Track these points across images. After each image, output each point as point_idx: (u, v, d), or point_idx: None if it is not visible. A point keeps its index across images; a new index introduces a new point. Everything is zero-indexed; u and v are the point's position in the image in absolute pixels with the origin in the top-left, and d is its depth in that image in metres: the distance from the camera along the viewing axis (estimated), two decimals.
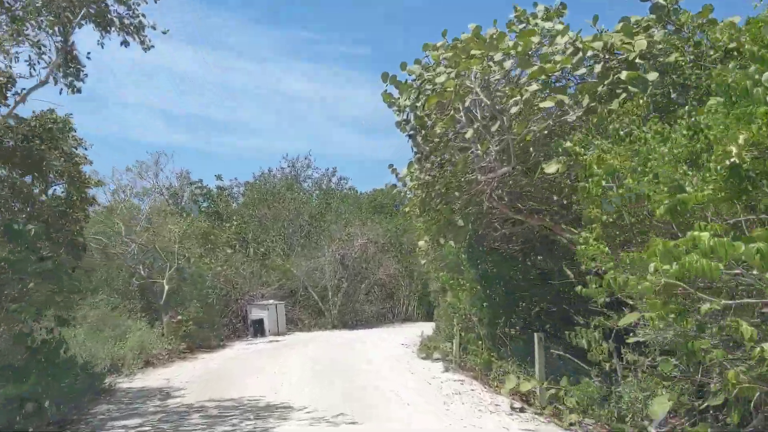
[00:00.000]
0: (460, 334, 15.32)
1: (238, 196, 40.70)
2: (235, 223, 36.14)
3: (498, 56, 10.90)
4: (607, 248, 7.13)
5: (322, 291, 34.61)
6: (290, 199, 36.46)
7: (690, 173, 6.14)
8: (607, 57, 10.59)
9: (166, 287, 22.91)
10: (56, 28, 11.06)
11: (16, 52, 10.92)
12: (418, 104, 12.47)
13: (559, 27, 11.00)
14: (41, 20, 10.97)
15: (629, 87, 9.35)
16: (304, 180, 40.51)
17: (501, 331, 13.41)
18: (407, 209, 21.29)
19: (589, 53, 10.48)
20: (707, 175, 5.68)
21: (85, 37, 58.34)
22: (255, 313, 30.18)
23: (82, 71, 11.67)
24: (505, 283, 13.67)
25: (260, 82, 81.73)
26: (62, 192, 12.74)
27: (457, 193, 13.76)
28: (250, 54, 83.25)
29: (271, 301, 31.04)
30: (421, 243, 18.80)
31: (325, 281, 34.45)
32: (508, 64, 11.01)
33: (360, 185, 75.54)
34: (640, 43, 9.84)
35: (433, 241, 17.13)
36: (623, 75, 9.56)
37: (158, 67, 77.70)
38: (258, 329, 29.83)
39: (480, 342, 13.87)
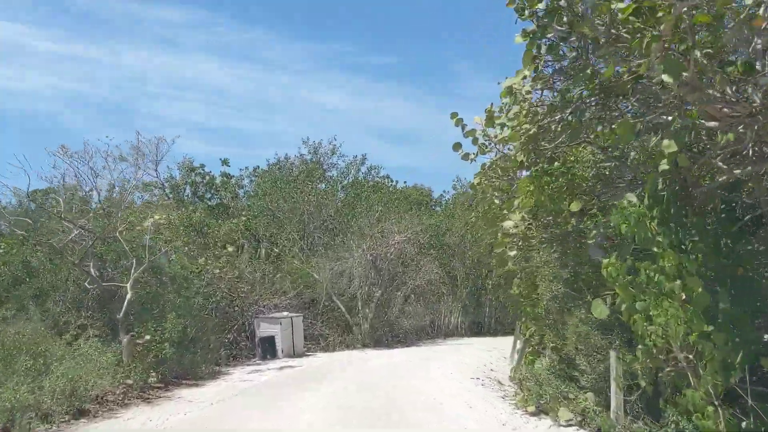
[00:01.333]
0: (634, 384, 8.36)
1: (249, 188, 34.10)
2: (244, 218, 29.44)
3: None
4: None
5: (349, 301, 27.73)
6: (311, 188, 29.64)
7: None
8: None
9: (129, 293, 16.16)
10: None
11: None
12: None
13: None
14: None
15: None
16: (329, 169, 33.76)
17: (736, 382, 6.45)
18: (477, 181, 14.40)
19: None
20: None
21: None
22: (264, 329, 23.37)
23: None
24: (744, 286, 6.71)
25: (293, 94, 76.84)
26: None
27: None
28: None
29: (285, 314, 24.20)
30: (508, 223, 11.78)
31: (354, 289, 27.58)
32: None
33: None
34: None
35: (542, 211, 10.28)
36: None
37: (193, 80, 73.12)
38: (268, 349, 23.00)
39: (697, 403, 6.76)
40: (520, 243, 11.47)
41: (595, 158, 9.55)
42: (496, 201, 13.45)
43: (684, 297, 6.32)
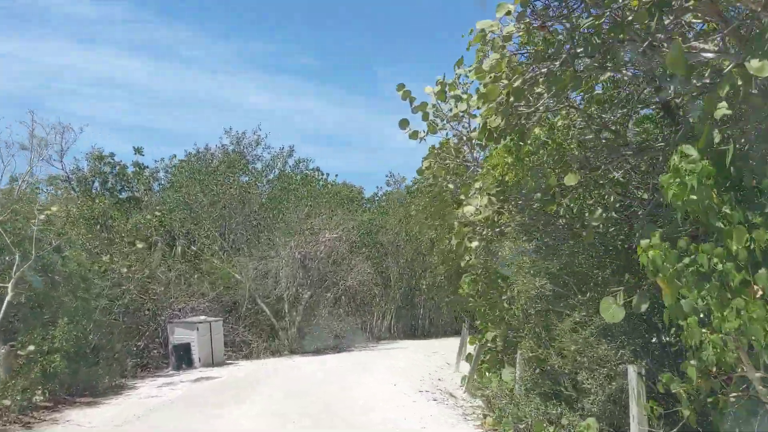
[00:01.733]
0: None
1: (165, 182, 31.10)
2: (158, 213, 26.62)
3: None
4: None
5: (275, 303, 25.37)
6: (233, 180, 27.08)
7: None
8: None
9: (10, 294, 13.40)
10: None
11: None
12: None
13: None
14: None
15: None
16: (253, 161, 31.15)
17: None
18: (427, 165, 12.60)
19: None
20: None
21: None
22: (179, 335, 20.76)
23: None
24: None
25: (216, 93, 73.29)
26: None
27: None
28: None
29: (203, 318, 21.66)
30: (468, 209, 9.88)
31: (281, 290, 25.24)
32: None
33: None
34: None
35: (516, 192, 8.46)
36: None
37: (111, 77, 68.37)
38: (183, 358, 20.41)
39: None
40: (484, 232, 9.59)
41: (588, 123, 7.77)
42: (450, 186, 11.58)
43: (761, 293, 4.58)
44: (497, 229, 9.24)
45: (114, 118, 65.43)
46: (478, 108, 10.56)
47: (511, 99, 6.78)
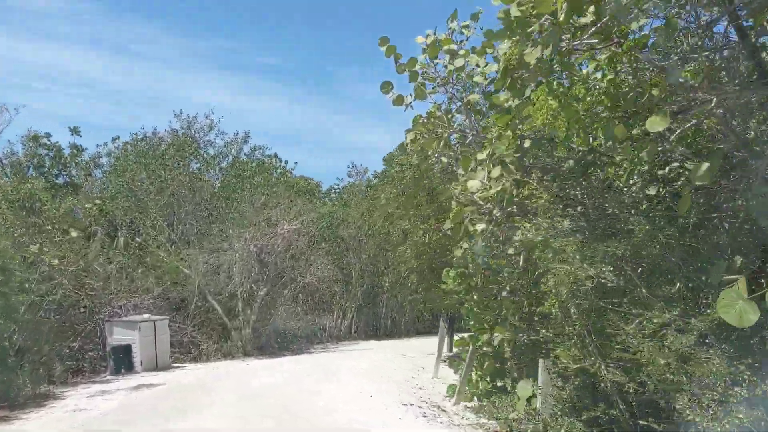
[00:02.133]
0: None
1: (108, 167, 28.47)
2: (98, 201, 24.15)
3: None
4: None
5: (228, 301, 23.21)
6: (183, 165, 24.74)
7: None
8: None
9: None
10: None
11: None
12: None
13: None
14: None
15: None
16: (205, 147, 28.74)
17: None
18: (412, 137, 10.82)
19: None
20: None
21: None
22: (119, 335, 18.46)
23: None
24: None
25: (168, 89, 70.05)
26: None
27: None
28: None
29: (146, 317, 19.38)
30: (473, 184, 8.02)
31: (234, 286, 23.09)
32: None
33: None
34: None
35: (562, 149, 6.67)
36: None
37: (59, 70, 64.62)
38: (123, 361, 18.13)
39: None
40: (494, 211, 7.75)
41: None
42: (444, 160, 9.75)
43: None
44: (511, 208, 7.42)
45: (56, 111, 62.06)
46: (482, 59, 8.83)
47: (561, 16, 4.92)
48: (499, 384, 9.89)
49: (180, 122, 28.64)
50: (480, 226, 7.68)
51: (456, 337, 15.19)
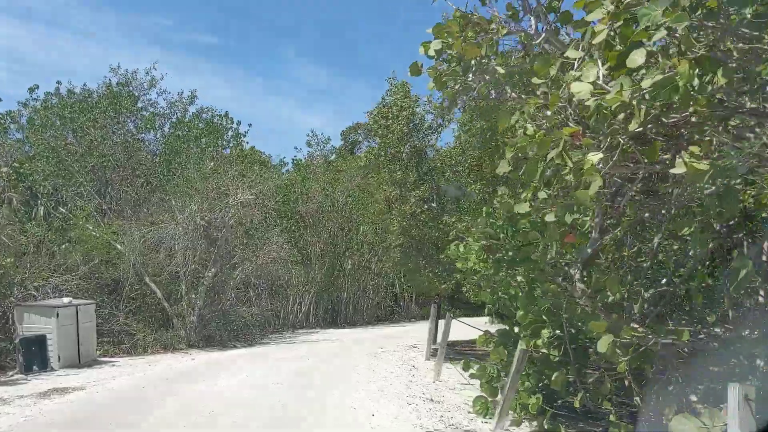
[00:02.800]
0: None
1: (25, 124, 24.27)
2: (15, 164, 20.24)
3: None
4: None
5: (169, 283, 19.77)
6: (117, 122, 20.94)
7: None
8: None
9: None
10: None
11: None
12: None
13: None
14: None
15: None
16: (145, 107, 24.87)
17: None
18: (436, 48, 7.49)
19: None
20: None
21: None
22: (31, 324, 14.85)
23: None
24: None
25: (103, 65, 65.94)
26: None
27: None
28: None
29: (67, 301, 15.73)
30: (583, 87, 4.91)
31: (176, 266, 19.64)
32: None
33: None
34: None
35: None
36: None
37: None
38: (36, 356, 14.54)
39: None
40: (627, 126, 4.61)
41: None
42: (501, 70, 6.69)
43: None
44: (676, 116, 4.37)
45: None
46: None
47: None
48: (572, 405, 6.94)
49: (117, 77, 24.60)
50: (596, 156, 4.62)
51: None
